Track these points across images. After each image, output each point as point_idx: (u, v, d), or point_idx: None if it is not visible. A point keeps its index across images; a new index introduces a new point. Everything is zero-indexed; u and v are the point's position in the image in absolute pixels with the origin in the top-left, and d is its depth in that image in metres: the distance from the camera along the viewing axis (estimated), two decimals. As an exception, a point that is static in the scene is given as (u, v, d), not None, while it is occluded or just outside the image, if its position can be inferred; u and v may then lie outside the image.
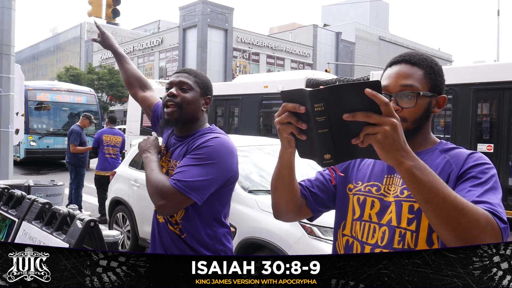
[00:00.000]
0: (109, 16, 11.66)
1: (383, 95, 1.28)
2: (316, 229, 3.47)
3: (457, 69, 9.12)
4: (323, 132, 1.00)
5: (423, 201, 1.02)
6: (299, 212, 1.44)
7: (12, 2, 6.08)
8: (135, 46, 44.96)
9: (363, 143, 0.99)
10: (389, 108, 0.96)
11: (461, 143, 7.70)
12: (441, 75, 1.32)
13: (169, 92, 1.93)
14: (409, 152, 1.01)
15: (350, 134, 0.99)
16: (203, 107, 1.99)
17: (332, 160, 1.02)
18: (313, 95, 0.99)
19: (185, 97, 1.91)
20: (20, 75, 6.46)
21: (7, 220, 2.09)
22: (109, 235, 2.87)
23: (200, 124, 2.00)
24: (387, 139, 0.97)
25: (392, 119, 0.97)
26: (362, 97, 0.95)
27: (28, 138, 14.52)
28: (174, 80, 1.96)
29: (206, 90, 2.00)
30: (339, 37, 49.47)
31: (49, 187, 4.47)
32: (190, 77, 1.96)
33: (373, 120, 0.96)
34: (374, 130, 0.97)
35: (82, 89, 17.32)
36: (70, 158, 7.85)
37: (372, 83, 0.95)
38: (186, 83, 1.93)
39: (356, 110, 0.96)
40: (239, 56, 39.93)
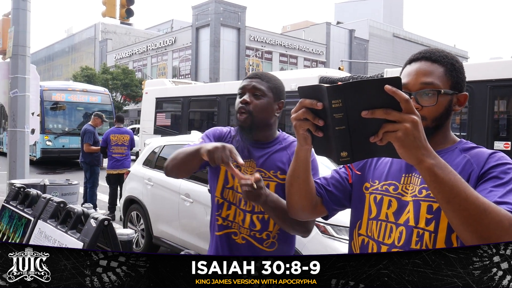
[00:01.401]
0: (123, 16, 11.76)
1: None
2: (330, 228, 3.45)
3: (473, 65, 8.98)
4: (340, 129, 0.99)
5: (444, 201, 1.00)
6: (314, 210, 1.43)
7: (27, 4, 6.16)
8: (148, 45, 45.29)
9: (382, 141, 0.97)
10: (409, 105, 0.94)
11: (478, 141, 7.57)
12: (462, 72, 1.29)
13: (242, 99, 1.86)
14: (430, 150, 0.99)
15: (368, 131, 0.97)
16: (276, 112, 1.92)
17: (349, 158, 1.01)
18: (331, 91, 0.98)
19: (258, 104, 1.84)
20: (35, 75, 6.55)
21: (23, 219, 2.11)
22: (123, 233, 2.89)
23: (274, 129, 1.95)
24: (408, 137, 0.95)
25: (413, 116, 0.95)
26: (382, 93, 0.93)
27: (44, 138, 14.74)
28: (247, 85, 1.88)
29: (279, 94, 1.92)
30: (352, 35, 49.15)
31: (64, 186, 4.52)
32: (263, 82, 1.88)
33: (393, 117, 0.94)
34: (394, 127, 0.95)
35: (97, 89, 17.51)
36: (85, 158, 7.95)
37: (392, 79, 0.93)
38: (259, 89, 1.85)
39: (375, 107, 0.94)
40: (252, 55, 39.94)
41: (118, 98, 33.97)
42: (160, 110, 14.58)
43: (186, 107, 13.65)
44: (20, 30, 6.13)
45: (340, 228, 3.41)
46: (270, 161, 1.87)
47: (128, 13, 11.64)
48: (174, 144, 5.66)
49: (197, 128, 11.71)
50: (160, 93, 14.58)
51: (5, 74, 6.26)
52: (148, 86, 15.60)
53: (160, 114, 14.55)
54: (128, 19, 12.16)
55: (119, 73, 33.88)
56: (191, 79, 35.01)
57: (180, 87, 14.64)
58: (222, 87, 13.02)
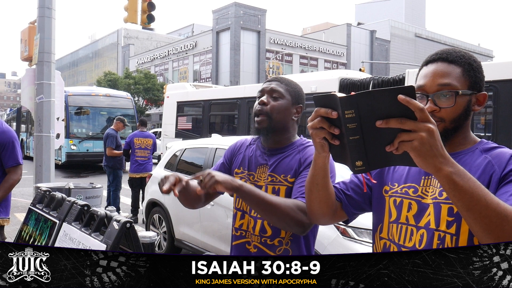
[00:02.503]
0: (144, 22, 11.93)
1: (420, 96, 1.25)
2: (350, 230, 3.42)
3: (498, 64, 8.78)
4: (354, 139, 0.99)
5: (464, 209, 0.99)
6: (334, 215, 1.42)
7: (52, 12, 6.31)
8: (169, 50, 45.81)
9: (398, 150, 0.96)
10: (424, 113, 0.93)
11: (503, 142, 7.40)
12: (480, 72, 1.27)
13: (260, 100, 1.87)
14: (448, 158, 0.98)
15: (383, 141, 0.97)
16: (294, 116, 1.90)
17: (364, 167, 1.01)
18: (344, 101, 0.98)
19: (275, 105, 1.84)
20: (60, 81, 6.70)
21: (49, 222, 2.16)
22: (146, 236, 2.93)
23: (293, 134, 1.93)
24: (424, 146, 0.94)
25: (429, 124, 0.94)
26: (396, 103, 0.92)
27: (68, 142, 15.04)
28: (266, 88, 1.89)
29: (298, 98, 1.91)
30: (373, 35, 48.68)
31: (88, 190, 4.60)
32: (282, 85, 1.88)
33: (408, 126, 0.93)
34: (410, 136, 0.94)
35: (119, 94, 17.80)
36: (108, 161, 8.07)
37: (405, 88, 0.92)
38: (277, 91, 1.86)
39: (389, 116, 0.94)
40: (272, 58, 39.96)
41: (140, 103, 34.43)
42: (181, 114, 14.71)
43: (207, 111, 13.74)
44: (45, 37, 6.29)
45: (361, 230, 3.38)
46: (281, 165, 1.86)
47: (149, 18, 11.81)
48: (195, 147, 5.70)
49: (217, 131, 11.77)
50: (181, 97, 14.71)
51: (31, 80, 6.42)
52: (169, 90, 15.77)
53: (181, 118, 14.68)
54: (149, 25, 12.33)
55: (141, 78, 34.35)
56: (212, 83, 35.24)
57: (200, 90, 14.75)
58: (242, 90, 13.04)
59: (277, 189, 1.83)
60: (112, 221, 1.74)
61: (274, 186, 1.84)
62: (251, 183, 1.88)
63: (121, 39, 53.14)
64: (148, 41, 53.00)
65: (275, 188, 1.84)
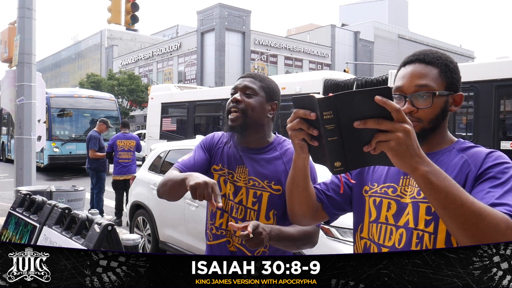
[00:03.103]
0: (128, 23, 11.83)
1: (398, 97, 1.26)
2: (334, 230, 3.44)
3: (479, 65, 8.93)
4: (332, 140, 0.99)
5: (440, 208, 1.00)
6: (315, 216, 1.43)
7: (33, 12, 6.23)
8: (154, 51, 45.51)
9: (375, 150, 0.97)
10: (401, 114, 0.94)
11: (484, 141, 7.53)
12: (457, 72, 1.29)
13: (233, 97, 1.83)
14: (424, 158, 0.99)
15: (361, 141, 0.98)
16: (269, 113, 1.85)
17: (343, 168, 1.01)
18: (322, 103, 0.98)
19: (250, 102, 1.80)
20: (41, 83, 6.61)
21: (29, 226, 2.13)
22: (130, 238, 2.91)
23: (268, 132, 1.89)
24: (401, 146, 0.95)
25: (405, 125, 0.95)
26: (373, 104, 0.93)
27: (51, 145, 14.84)
28: (239, 85, 1.85)
29: (273, 95, 1.87)
30: (357, 37, 49.07)
31: (70, 193, 4.55)
32: (255, 81, 1.84)
33: (385, 127, 0.95)
34: (387, 137, 0.95)
35: (103, 95, 17.61)
36: (91, 164, 7.99)
37: (382, 89, 0.94)
38: (250, 88, 1.82)
39: (366, 117, 0.95)
40: (257, 58, 39.99)
41: (124, 104, 34.13)
42: (165, 115, 14.64)
43: (191, 112, 13.69)
44: (25, 38, 6.20)
45: (345, 230, 3.40)
46: (264, 170, 1.82)
47: (133, 19, 11.72)
48: (179, 149, 5.68)
49: (202, 133, 11.73)
50: (165, 98, 14.63)
51: (11, 82, 6.33)
52: (153, 91, 15.68)
53: (166, 119, 14.61)
54: (133, 25, 12.24)
55: (125, 79, 34.05)
56: (197, 84, 35.13)
57: (185, 92, 14.70)
58: (227, 91, 13.02)
59: (259, 194, 1.81)
60: (93, 224, 1.71)
61: (256, 191, 1.82)
62: (230, 182, 1.86)
63: (105, 40, 52.60)
64: (132, 42, 52.55)
65: (257, 193, 1.81)
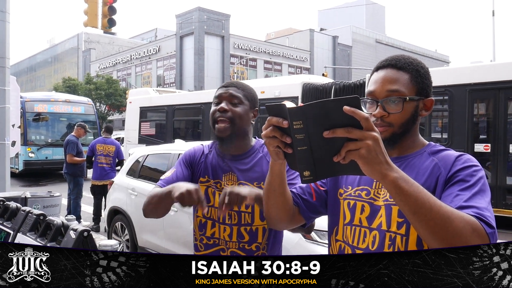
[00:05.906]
0: (105, 26, 11.72)
1: (370, 101, 1.29)
2: (313, 233, 3.47)
3: (452, 70, 9.14)
4: (302, 149, 1.00)
5: (410, 212, 1.02)
6: (292, 220, 1.44)
7: (6, 15, 6.11)
8: (132, 55, 45.06)
9: (345, 159, 0.98)
10: (369, 123, 0.96)
11: (458, 144, 7.71)
12: (428, 78, 1.32)
13: (219, 107, 1.82)
14: (392, 165, 1.01)
15: (330, 151, 0.98)
16: (252, 120, 1.90)
17: (312, 177, 1.02)
18: (292, 112, 0.99)
19: (237, 111, 1.81)
20: (15, 87, 6.48)
21: (2, 233, 2.09)
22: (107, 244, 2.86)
23: (250, 138, 1.93)
24: (371, 153, 0.96)
25: (373, 133, 0.96)
26: (342, 113, 0.94)
27: (26, 150, 14.50)
28: (224, 93, 1.85)
29: (254, 102, 1.92)
30: (335, 41, 49.59)
31: (46, 199, 4.46)
32: (239, 90, 1.86)
33: (355, 135, 0.95)
34: (357, 145, 0.96)
35: (80, 99, 17.30)
36: (68, 169, 7.84)
37: (350, 99, 0.94)
38: (236, 97, 1.83)
39: (335, 126, 0.96)
40: (236, 62, 40.02)
41: (102, 108, 33.68)
42: (144, 120, 14.51)
43: (170, 116, 13.61)
44: (-1, 42, 6.07)
45: (323, 233, 3.43)
46: (253, 174, 1.84)
47: (110, 22, 11.61)
48: (158, 153, 5.64)
49: (182, 137, 11.68)
50: (144, 102, 14.51)
51: (-16, 86, 6.18)
52: (132, 95, 15.53)
53: (145, 124, 14.48)
54: (110, 29, 12.12)
55: (103, 83, 33.60)
56: (176, 88, 34.90)
57: (164, 96, 14.60)
58: (206, 95, 13.02)
59: None
60: (68, 230, 1.70)
61: None
62: (218, 191, 1.86)
63: (82, 44, 51.79)
64: (110, 46, 51.90)
65: None
